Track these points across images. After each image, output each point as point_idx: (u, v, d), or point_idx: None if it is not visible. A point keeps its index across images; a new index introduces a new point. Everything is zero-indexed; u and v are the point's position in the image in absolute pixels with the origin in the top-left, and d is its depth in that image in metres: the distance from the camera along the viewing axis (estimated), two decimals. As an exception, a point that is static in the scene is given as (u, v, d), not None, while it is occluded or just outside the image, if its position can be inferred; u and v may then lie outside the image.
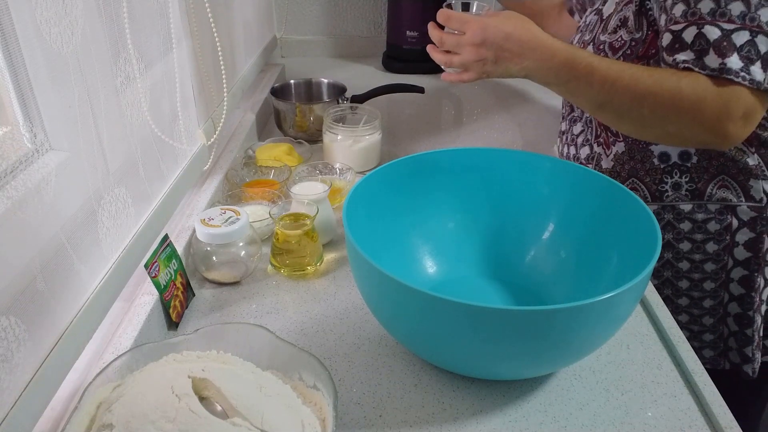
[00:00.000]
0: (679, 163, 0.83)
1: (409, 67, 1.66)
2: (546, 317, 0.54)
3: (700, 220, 0.84)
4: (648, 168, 0.85)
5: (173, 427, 0.49)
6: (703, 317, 0.89)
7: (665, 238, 0.85)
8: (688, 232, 0.85)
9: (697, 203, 0.83)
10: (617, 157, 0.87)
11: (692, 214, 0.84)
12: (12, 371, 0.48)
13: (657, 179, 0.85)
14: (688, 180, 0.83)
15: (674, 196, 0.84)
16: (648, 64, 0.78)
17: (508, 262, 0.80)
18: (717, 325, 0.89)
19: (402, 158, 0.77)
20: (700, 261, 0.86)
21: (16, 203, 0.49)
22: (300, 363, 0.58)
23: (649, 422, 0.61)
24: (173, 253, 0.74)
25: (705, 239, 0.84)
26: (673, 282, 0.88)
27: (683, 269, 0.87)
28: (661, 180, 0.84)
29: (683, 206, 0.84)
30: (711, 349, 0.91)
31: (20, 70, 0.51)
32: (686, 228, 0.85)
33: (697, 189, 0.83)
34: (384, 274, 0.57)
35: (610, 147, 0.88)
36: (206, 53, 0.92)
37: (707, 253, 0.85)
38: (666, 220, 0.86)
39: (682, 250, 0.86)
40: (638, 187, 0.86)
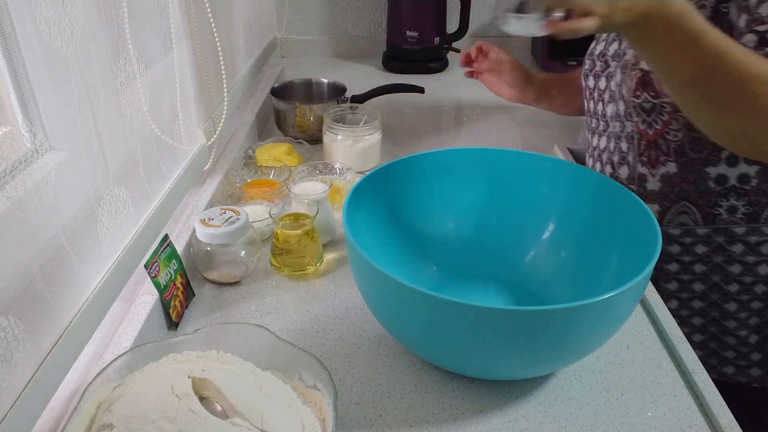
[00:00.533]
0: (738, 185, 0.79)
1: (409, 67, 1.66)
2: (546, 317, 0.54)
3: (753, 242, 0.81)
4: (702, 190, 0.80)
5: (173, 427, 0.49)
6: (749, 336, 0.86)
7: (715, 261, 0.83)
8: (740, 255, 0.82)
9: (752, 226, 0.81)
10: (666, 178, 0.82)
11: (745, 237, 0.81)
12: (11, 371, 0.48)
13: (711, 202, 0.81)
14: (746, 203, 0.80)
15: (729, 219, 0.81)
16: None
17: (508, 262, 0.80)
18: (763, 343, 0.86)
19: (402, 158, 0.77)
20: (751, 283, 0.83)
21: (16, 203, 0.49)
22: (300, 363, 0.58)
23: (649, 422, 0.61)
24: (173, 253, 0.74)
25: (757, 261, 0.82)
26: (720, 304, 0.85)
27: (732, 291, 0.84)
28: (716, 203, 0.80)
29: (736, 229, 0.81)
30: (759, 367, 0.88)
31: (20, 70, 0.51)
32: (738, 250, 0.82)
33: (754, 212, 0.80)
34: (384, 274, 0.57)
35: (658, 167, 0.83)
36: (206, 53, 0.92)
37: (759, 276, 0.82)
38: (717, 243, 0.82)
39: (732, 273, 0.83)
40: (689, 210, 0.82)
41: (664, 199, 0.83)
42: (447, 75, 1.69)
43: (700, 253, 0.83)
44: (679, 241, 0.84)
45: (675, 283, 0.85)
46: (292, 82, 1.31)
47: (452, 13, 1.71)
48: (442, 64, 1.71)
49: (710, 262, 0.83)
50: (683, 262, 0.84)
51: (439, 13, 1.64)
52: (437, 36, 1.65)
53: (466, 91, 1.56)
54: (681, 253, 0.84)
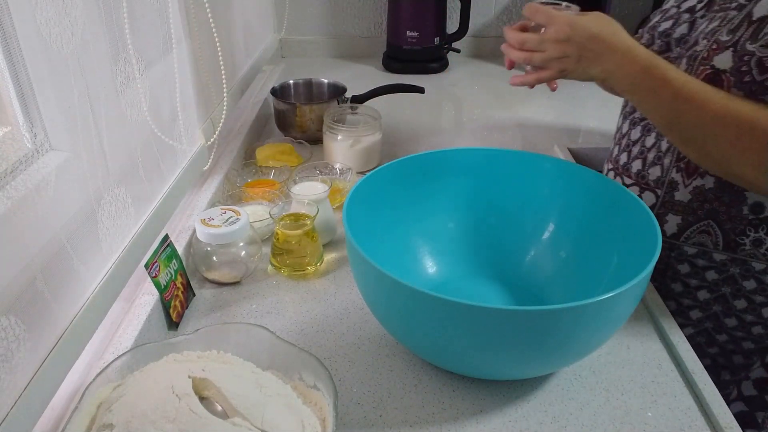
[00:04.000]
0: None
1: (409, 67, 1.66)
2: (546, 317, 0.54)
3: (767, 282, 0.77)
4: (733, 214, 0.75)
5: (173, 427, 0.49)
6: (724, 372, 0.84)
7: (721, 291, 0.79)
8: (750, 291, 0.78)
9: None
10: (699, 192, 0.77)
11: (762, 275, 0.77)
12: (12, 371, 0.48)
13: (739, 229, 0.76)
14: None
15: (750, 252, 0.76)
16: None
17: (508, 262, 0.80)
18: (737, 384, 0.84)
19: (402, 158, 0.77)
20: (750, 322, 0.80)
21: (17, 203, 0.49)
22: (300, 363, 0.58)
23: (649, 422, 0.61)
24: (173, 253, 0.74)
25: (764, 303, 0.78)
26: (711, 334, 0.82)
27: (728, 325, 0.81)
28: (744, 231, 0.76)
29: (755, 264, 0.77)
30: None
31: (20, 70, 0.51)
32: (749, 287, 0.78)
33: None
34: (384, 274, 0.57)
35: (694, 177, 0.77)
36: (206, 53, 0.92)
37: (761, 317, 0.79)
38: (730, 273, 0.78)
39: (735, 307, 0.79)
40: (713, 231, 0.77)
41: (690, 214, 0.78)
42: (447, 75, 1.69)
43: (709, 280, 0.79)
44: (691, 262, 0.80)
45: (673, 303, 0.82)
46: (292, 82, 1.31)
47: (452, 13, 1.71)
48: (442, 64, 1.71)
49: (717, 291, 0.80)
50: (689, 285, 0.81)
51: (439, 13, 1.64)
52: (437, 36, 1.65)
53: (466, 91, 1.56)
54: (689, 275, 0.81)
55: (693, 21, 0.80)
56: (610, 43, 0.71)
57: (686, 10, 0.82)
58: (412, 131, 1.31)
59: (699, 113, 0.67)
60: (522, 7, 1.81)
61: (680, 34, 0.81)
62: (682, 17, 0.82)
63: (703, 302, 0.81)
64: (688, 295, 0.81)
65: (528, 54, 0.75)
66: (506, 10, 1.78)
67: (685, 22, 0.81)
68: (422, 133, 1.31)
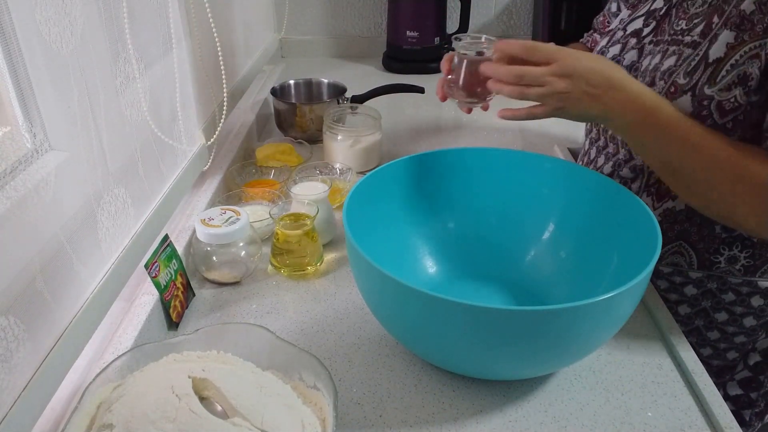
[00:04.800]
0: (745, 236, 0.75)
1: (409, 67, 1.66)
2: (546, 317, 0.54)
3: (744, 293, 0.78)
4: (705, 234, 0.76)
5: (173, 427, 0.49)
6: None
7: (701, 305, 0.80)
8: (729, 304, 0.79)
9: (748, 279, 0.78)
10: (669, 214, 0.78)
11: (739, 287, 0.78)
12: (11, 371, 0.48)
13: (712, 248, 0.77)
14: (748, 255, 0.76)
15: (726, 268, 0.77)
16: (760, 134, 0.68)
17: (508, 262, 0.80)
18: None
19: (402, 158, 0.77)
20: (733, 333, 0.81)
21: (16, 203, 0.49)
22: (300, 363, 0.58)
23: (649, 422, 0.61)
24: (173, 253, 0.74)
25: (744, 313, 0.79)
26: (695, 348, 0.79)
27: (711, 338, 0.82)
28: (717, 250, 0.77)
29: (731, 278, 0.78)
30: None
31: (20, 70, 0.51)
32: (728, 299, 0.79)
33: (753, 265, 0.77)
34: (384, 274, 0.57)
35: (663, 200, 0.78)
36: (206, 53, 0.92)
37: (743, 327, 0.80)
38: (708, 288, 0.79)
39: (716, 320, 0.81)
40: (685, 251, 0.78)
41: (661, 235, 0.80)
42: (447, 75, 1.69)
43: (688, 295, 0.81)
44: (668, 278, 0.81)
45: (664, 281, 0.83)
46: (292, 82, 1.31)
47: (452, 13, 1.71)
48: (442, 63, 1.70)
49: (697, 305, 0.81)
50: (669, 300, 0.82)
51: (439, 13, 1.64)
52: (437, 36, 1.65)
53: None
54: (668, 290, 0.82)
55: (641, 48, 0.79)
56: (616, 81, 0.67)
57: (632, 34, 0.82)
58: (412, 131, 1.31)
59: (704, 159, 0.66)
60: (522, 7, 1.81)
61: (630, 61, 0.81)
62: (630, 42, 0.81)
63: (684, 317, 0.82)
64: (670, 310, 0.80)
65: (521, 88, 0.69)
66: (506, 10, 1.78)
67: (633, 48, 0.81)
68: (422, 133, 1.31)
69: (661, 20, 0.79)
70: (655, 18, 0.80)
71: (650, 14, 0.81)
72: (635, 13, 0.84)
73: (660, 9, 0.79)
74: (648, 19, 0.81)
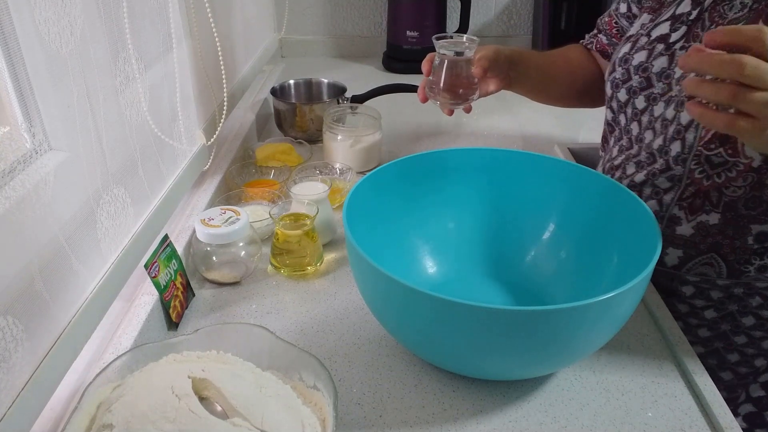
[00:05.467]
0: None
1: (409, 67, 1.65)
2: (546, 317, 0.54)
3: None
4: (738, 246, 0.74)
5: (173, 427, 0.49)
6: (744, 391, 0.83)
7: (728, 309, 0.78)
8: (756, 308, 0.77)
9: None
10: (703, 227, 0.75)
11: (766, 291, 0.76)
12: (9, 371, 0.48)
13: (744, 259, 0.74)
14: None
15: (755, 277, 0.75)
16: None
17: (508, 262, 0.80)
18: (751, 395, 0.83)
19: (402, 158, 0.77)
20: (760, 338, 0.79)
21: (15, 203, 0.49)
22: (300, 363, 0.58)
23: (649, 422, 0.61)
24: (173, 253, 0.74)
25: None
26: (721, 353, 0.81)
27: (738, 342, 0.80)
28: (748, 260, 0.74)
29: (759, 283, 0.76)
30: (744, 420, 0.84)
31: (20, 70, 0.51)
32: (755, 303, 0.77)
33: None
34: (384, 275, 0.57)
35: (697, 214, 0.75)
36: (206, 53, 0.92)
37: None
38: (735, 294, 0.77)
39: (744, 324, 0.79)
40: (716, 263, 0.75)
41: (692, 248, 0.76)
42: (447, 75, 1.69)
43: (714, 299, 0.79)
44: (695, 285, 0.79)
45: (681, 323, 0.78)
46: (292, 82, 1.31)
47: (452, 13, 1.71)
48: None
49: (724, 309, 0.79)
50: (695, 305, 0.80)
51: (439, 13, 1.64)
52: (437, 36, 1.65)
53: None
54: (694, 295, 0.79)
55: (672, 54, 0.75)
56: None
57: (658, 39, 0.77)
58: (412, 131, 1.31)
59: None
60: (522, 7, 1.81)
61: (660, 68, 0.76)
62: (657, 48, 0.77)
63: (710, 321, 0.80)
64: (695, 315, 0.80)
65: (732, 90, 0.51)
66: (506, 10, 1.78)
67: (662, 54, 0.76)
68: (422, 133, 1.31)
69: (692, 25, 0.74)
70: (683, 23, 0.75)
71: (677, 18, 0.76)
72: (658, 18, 0.79)
73: (688, 13, 0.75)
74: (675, 24, 0.76)
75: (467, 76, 0.81)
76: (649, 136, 0.79)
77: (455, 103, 0.82)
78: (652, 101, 0.78)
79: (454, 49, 0.78)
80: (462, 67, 0.83)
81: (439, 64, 0.79)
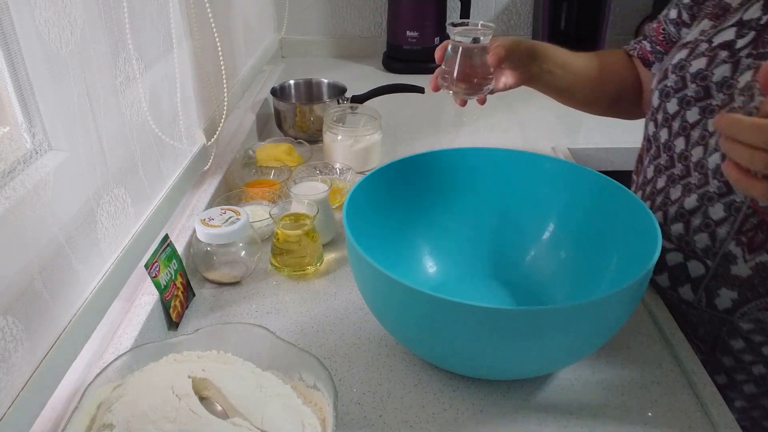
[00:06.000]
0: None
1: (409, 67, 1.66)
2: (546, 317, 0.54)
3: None
4: None
5: (173, 427, 0.49)
6: None
7: None
8: None
9: None
10: (763, 269, 0.65)
11: None
12: (9, 371, 0.48)
13: None
14: None
15: None
16: None
17: (508, 262, 0.80)
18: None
19: (402, 158, 0.77)
20: None
21: (15, 204, 0.49)
22: (300, 363, 0.58)
23: (649, 422, 0.61)
24: (173, 253, 0.74)
25: None
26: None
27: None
28: None
29: None
30: None
31: (20, 70, 0.51)
32: None
33: None
34: (384, 275, 0.57)
35: (757, 252, 0.65)
36: (206, 53, 0.92)
37: None
38: None
39: None
40: None
41: (750, 290, 0.67)
42: (447, 75, 1.69)
43: (765, 354, 0.70)
44: (746, 338, 0.71)
45: (724, 377, 0.73)
46: (292, 82, 1.31)
47: (452, 13, 1.71)
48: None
49: None
50: (742, 360, 0.72)
51: (439, 13, 1.64)
52: (437, 36, 1.65)
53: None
54: (743, 350, 0.71)
55: (737, 61, 0.67)
56: None
57: (721, 46, 0.69)
58: (412, 131, 1.31)
59: None
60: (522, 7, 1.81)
61: (722, 76, 0.68)
62: (719, 55, 0.68)
63: (758, 377, 0.72)
64: (742, 371, 0.73)
65: None
66: (506, 10, 1.79)
67: (724, 62, 0.68)
68: (422, 133, 1.31)
69: (762, 31, 0.67)
70: (752, 28, 0.67)
71: (744, 24, 0.69)
72: (722, 24, 0.71)
73: (758, 18, 0.68)
74: (742, 30, 0.68)
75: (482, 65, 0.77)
76: (697, 153, 0.69)
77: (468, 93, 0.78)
78: (708, 114, 0.69)
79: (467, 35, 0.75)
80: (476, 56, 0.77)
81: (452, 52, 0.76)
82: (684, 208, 0.70)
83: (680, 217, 0.71)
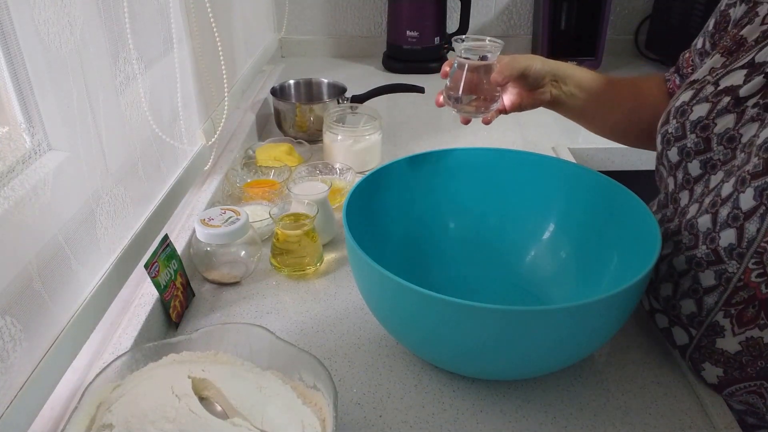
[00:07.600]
0: None
1: (409, 67, 1.66)
2: (545, 317, 0.54)
3: None
4: None
5: (173, 427, 0.49)
6: None
7: None
8: None
9: None
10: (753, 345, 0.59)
11: None
12: (7, 371, 0.48)
13: None
14: None
15: None
16: None
17: (508, 262, 0.80)
18: None
19: (402, 158, 0.77)
20: None
21: (14, 204, 0.49)
22: (300, 363, 0.58)
23: (649, 422, 0.61)
24: (173, 253, 0.74)
25: None
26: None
27: None
28: None
29: None
30: None
31: (20, 70, 0.51)
32: None
33: None
34: (384, 275, 0.57)
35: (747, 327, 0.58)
36: (207, 53, 0.92)
37: None
38: None
39: None
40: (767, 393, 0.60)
41: (738, 369, 0.60)
42: (447, 75, 1.69)
43: None
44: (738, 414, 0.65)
45: None
46: (292, 82, 1.31)
47: (452, 12, 1.71)
48: (442, 63, 1.70)
49: None
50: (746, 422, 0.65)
51: (439, 13, 1.64)
52: (437, 36, 1.65)
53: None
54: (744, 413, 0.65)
55: (742, 112, 0.59)
56: None
57: (726, 91, 0.61)
58: (412, 131, 1.31)
59: None
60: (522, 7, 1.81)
61: (724, 128, 0.60)
62: (722, 101, 0.60)
63: None
64: None
65: None
66: (506, 10, 1.78)
67: (728, 111, 0.60)
68: (422, 133, 1.31)
69: None
70: (763, 73, 0.58)
71: (755, 68, 0.59)
72: (733, 63, 0.63)
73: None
74: (752, 75, 0.59)
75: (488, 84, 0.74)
76: (692, 211, 0.63)
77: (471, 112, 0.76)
78: (710, 169, 0.62)
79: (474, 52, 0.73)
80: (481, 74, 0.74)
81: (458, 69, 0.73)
82: (674, 267, 0.64)
83: (669, 277, 0.65)
